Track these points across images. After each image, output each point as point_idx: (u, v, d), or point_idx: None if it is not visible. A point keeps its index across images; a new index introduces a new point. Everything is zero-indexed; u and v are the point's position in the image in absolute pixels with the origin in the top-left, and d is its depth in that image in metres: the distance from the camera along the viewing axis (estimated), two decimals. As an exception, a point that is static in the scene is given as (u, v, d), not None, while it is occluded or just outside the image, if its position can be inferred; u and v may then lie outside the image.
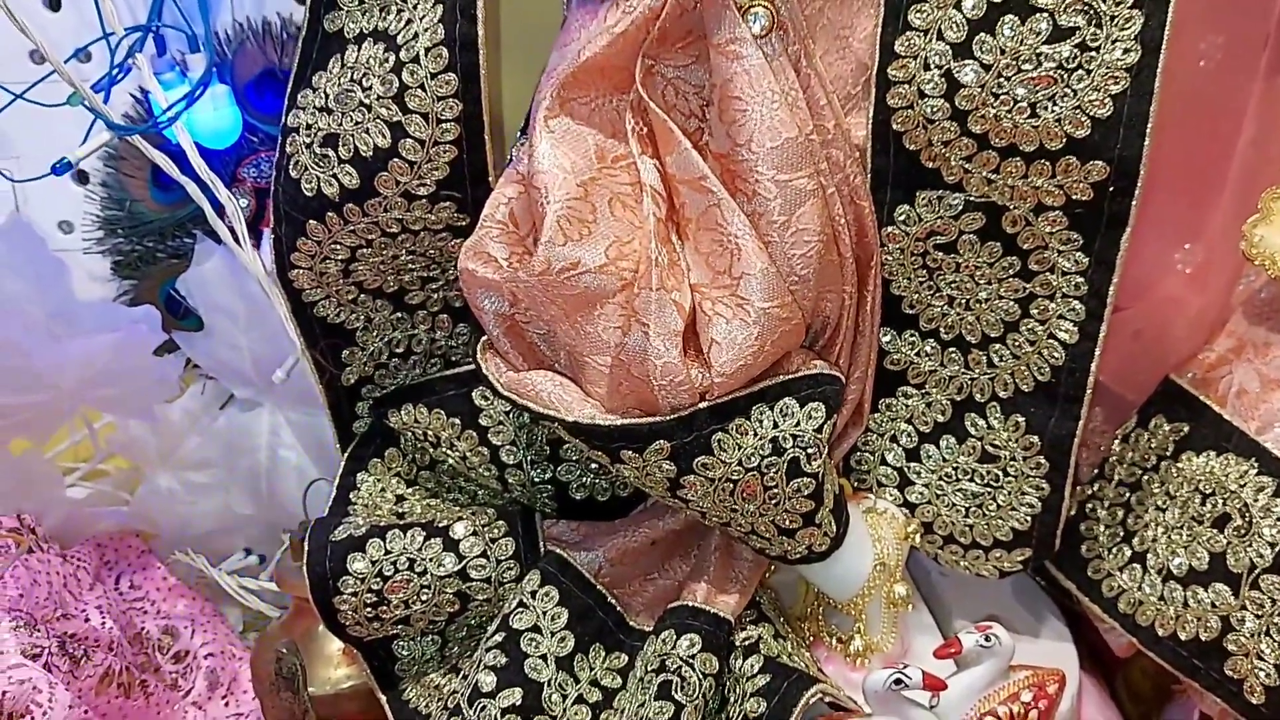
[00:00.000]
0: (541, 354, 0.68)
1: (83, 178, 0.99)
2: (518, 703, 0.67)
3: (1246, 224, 0.72)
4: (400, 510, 0.80)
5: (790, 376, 0.65)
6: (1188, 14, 0.62)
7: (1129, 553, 0.73)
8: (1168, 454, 0.73)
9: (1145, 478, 0.74)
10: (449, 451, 0.76)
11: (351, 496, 0.80)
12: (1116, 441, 0.76)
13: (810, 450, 0.64)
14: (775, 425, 0.64)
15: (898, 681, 0.64)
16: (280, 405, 0.97)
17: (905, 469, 0.74)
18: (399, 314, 0.77)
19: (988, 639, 0.66)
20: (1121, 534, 0.74)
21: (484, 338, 0.69)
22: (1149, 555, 0.72)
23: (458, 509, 0.77)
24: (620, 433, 0.63)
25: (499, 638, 0.69)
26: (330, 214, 0.70)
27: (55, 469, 0.99)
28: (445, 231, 0.72)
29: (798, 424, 0.64)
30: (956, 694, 0.66)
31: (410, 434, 0.78)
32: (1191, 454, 0.72)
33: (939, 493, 0.73)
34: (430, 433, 0.76)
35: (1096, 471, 0.77)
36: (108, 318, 0.92)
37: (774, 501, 0.65)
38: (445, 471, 0.80)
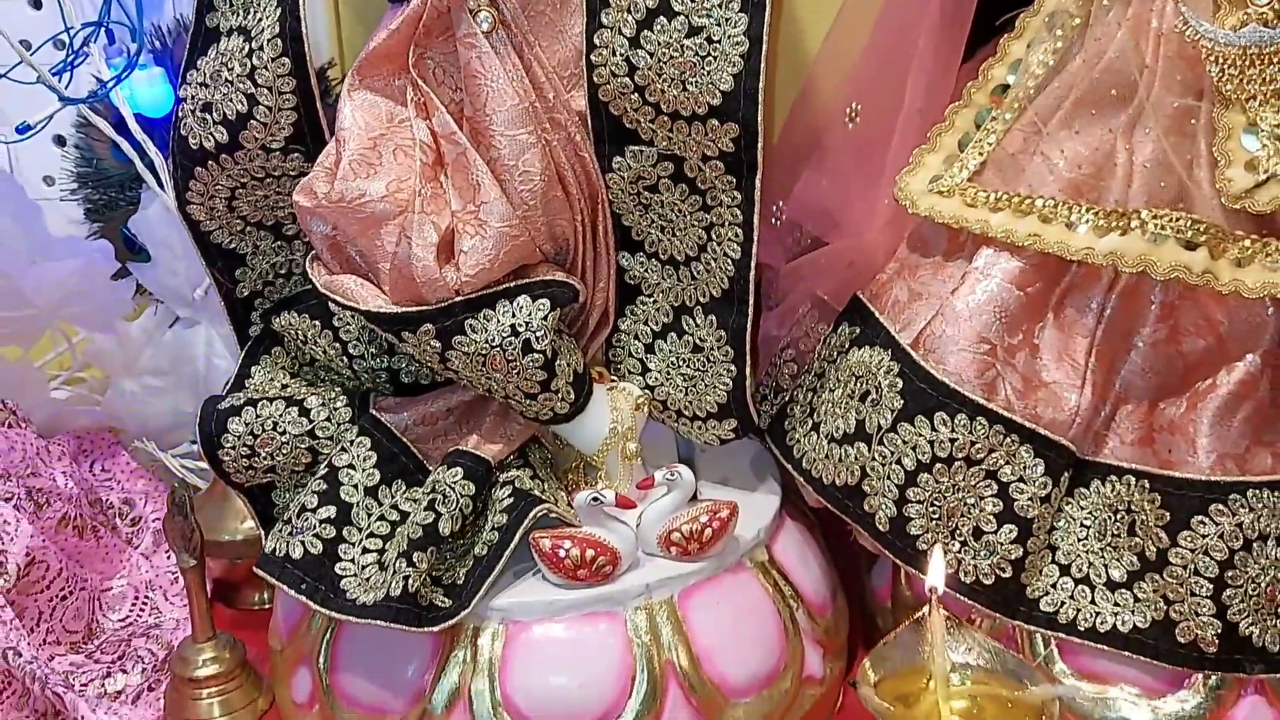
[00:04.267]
0: (355, 265, 0.90)
1: (60, 142, 1.20)
2: (332, 516, 0.85)
3: (899, 174, 0.93)
4: (284, 395, 1.03)
5: (528, 280, 0.82)
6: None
7: (810, 424, 0.88)
8: (844, 350, 0.88)
9: (829, 369, 0.88)
10: (313, 348, 0.91)
11: (245, 384, 0.99)
12: (821, 344, 0.91)
13: (538, 333, 0.80)
14: (513, 316, 0.80)
15: (595, 500, 0.84)
16: (213, 323, 1.15)
17: (644, 359, 0.89)
18: (279, 243, 0.92)
19: (672, 474, 0.83)
20: (809, 410, 0.89)
21: (313, 252, 0.92)
22: (822, 424, 0.87)
23: (316, 389, 0.98)
24: (398, 318, 0.80)
25: (323, 470, 0.85)
26: (210, 162, 0.85)
27: (43, 374, 1.13)
28: (299, 177, 0.95)
29: (530, 315, 0.81)
30: (651, 516, 0.84)
31: (289, 335, 0.92)
32: (855, 348, 0.87)
33: (667, 377, 0.89)
34: (300, 333, 0.91)
35: (807, 368, 0.92)
36: (74, 248, 1.12)
37: (515, 372, 0.81)
38: (319, 366, 1.01)
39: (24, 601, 0.93)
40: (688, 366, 0.88)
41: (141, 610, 1.03)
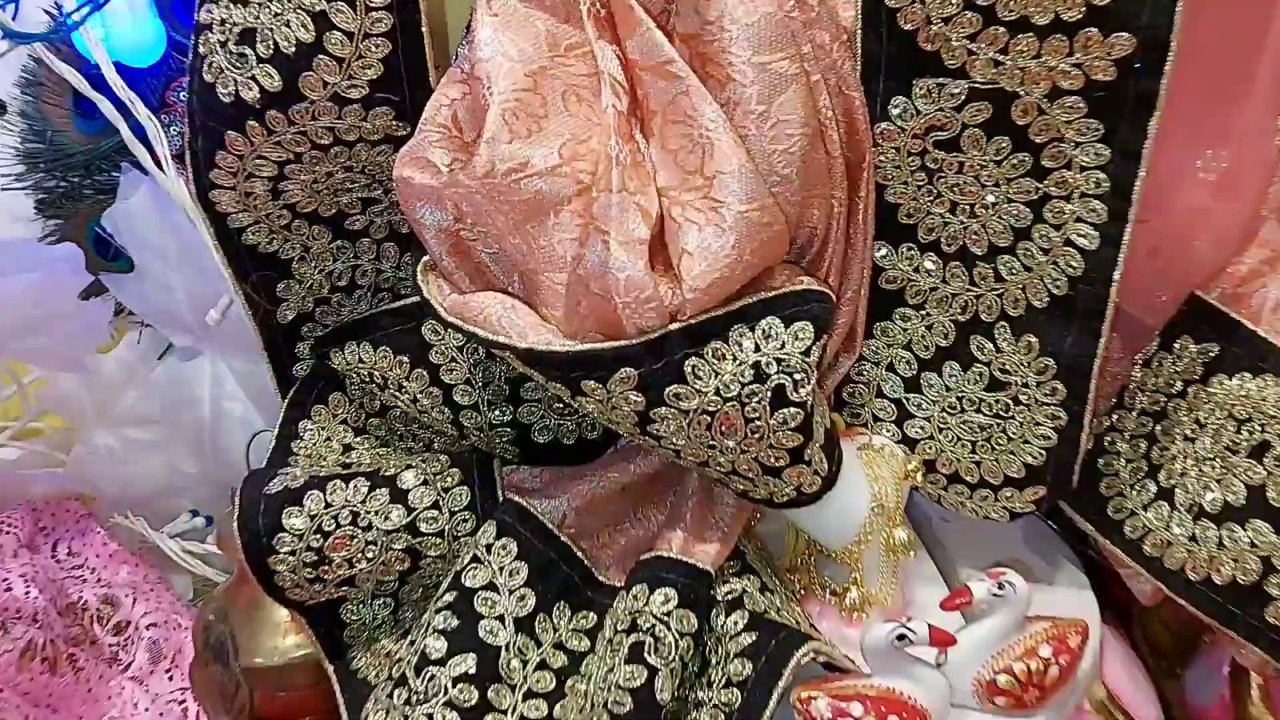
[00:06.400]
0: (491, 275, 0.62)
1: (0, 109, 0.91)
2: (471, 670, 0.60)
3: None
4: (347, 460, 0.74)
5: (774, 293, 0.59)
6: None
7: (1154, 489, 0.68)
8: (1196, 378, 0.68)
9: (1171, 405, 0.69)
10: (398, 394, 0.70)
11: (294, 447, 0.75)
12: (1137, 367, 0.71)
13: (797, 376, 0.57)
14: (757, 348, 0.57)
15: (900, 637, 0.58)
16: (222, 352, 0.90)
17: (904, 400, 0.69)
18: (339, 242, 0.72)
19: (1000, 586, 0.61)
20: (1145, 468, 0.68)
21: (425, 258, 0.62)
22: (1177, 491, 0.67)
23: (409, 457, 0.71)
24: (580, 360, 0.57)
25: (450, 597, 0.63)
26: (251, 123, 0.64)
27: (-15, 427, 0.92)
28: (384, 143, 0.66)
29: (783, 346, 0.58)
30: (967, 650, 0.61)
31: (355, 375, 0.72)
32: (1223, 376, 0.67)
33: (942, 426, 0.68)
34: (377, 373, 0.70)
35: (1114, 401, 0.71)
36: (27, 259, 0.84)
37: (757, 436, 0.58)
38: (397, 418, 0.74)
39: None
40: (979, 411, 0.66)
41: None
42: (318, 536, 0.66)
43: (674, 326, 0.57)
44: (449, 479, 0.68)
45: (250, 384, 0.89)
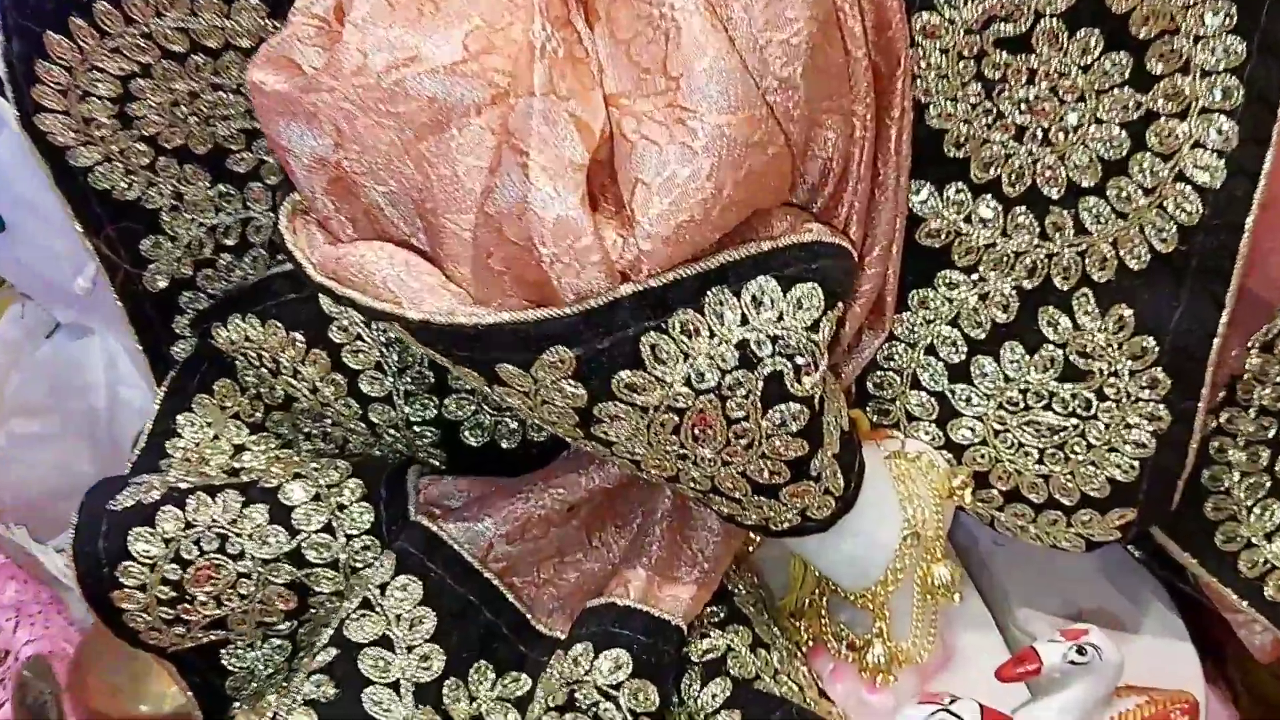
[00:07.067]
0: (387, 223, 0.49)
1: None
2: None
3: None
4: (238, 466, 0.64)
5: (769, 246, 0.47)
6: None
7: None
8: None
9: None
10: (294, 381, 0.59)
11: (169, 447, 0.64)
12: (1254, 352, 0.61)
13: (801, 360, 0.46)
14: (744, 320, 0.46)
15: None
16: (117, 329, 0.79)
17: (948, 394, 0.58)
18: (221, 187, 0.62)
19: (1081, 651, 0.50)
20: (1269, 484, 0.59)
21: (294, 196, 0.50)
22: None
23: (302, 464, 0.60)
24: (492, 336, 0.45)
25: (327, 657, 0.52)
26: (76, 20, 0.54)
27: None
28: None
29: (780, 318, 0.46)
30: None
31: (244, 359, 0.61)
32: None
33: (999, 428, 0.57)
34: (267, 355, 0.59)
35: (1224, 396, 0.61)
36: None
37: (744, 443, 0.48)
38: (304, 412, 0.64)
39: None
40: (1049, 409, 0.56)
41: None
42: (174, 566, 0.56)
43: (625, 290, 0.45)
44: (347, 493, 0.57)
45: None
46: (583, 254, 0.42)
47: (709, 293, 0.46)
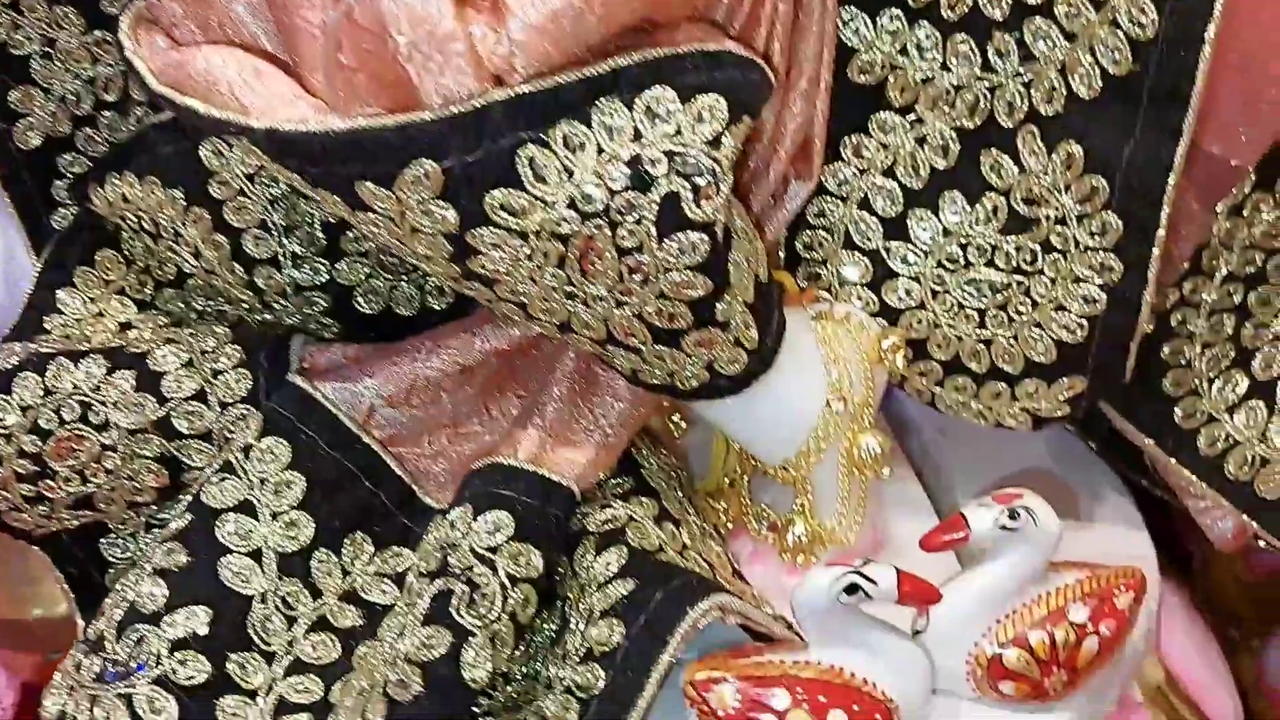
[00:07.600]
0: (248, 34, 0.44)
1: None
2: (201, 630, 0.46)
3: None
4: (122, 344, 0.60)
5: (668, 52, 0.42)
6: None
7: (1245, 383, 0.55)
8: None
9: (1271, 266, 0.56)
10: (176, 246, 0.55)
11: (46, 323, 0.60)
12: (1221, 217, 0.58)
13: (700, 180, 0.42)
14: (637, 135, 0.41)
15: (851, 589, 0.43)
16: (13, 220, 0.71)
17: (883, 252, 0.54)
18: (100, 32, 0.57)
19: (1013, 515, 0.46)
20: (1233, 354, 0.56)
21: (137, 3, 0.46)
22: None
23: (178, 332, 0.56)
24: (347, 146, 0.40)
25: (181, 523, 0.48)
26: None
27: None
28: None
29: (678, 132, 0.41)
30: (962, 610, 0.47)
31: (125, 222, 0.56)
32: None
33: (936, 288, 0.53)
34: (146, 216, 0.55)
35: (1187, 265, 0.58)
36: None
37: (639, 278, 0.43)
38: (198, 288, 0.59)
39: None
40: (991, 265, 0.52)
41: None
42: (33, 438, 0.52)
43: (497, 95, 0.40)
44: (224, 359, 0.53)
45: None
46: (443, 42, 0.38)
47: (597, 103, 0.41)
